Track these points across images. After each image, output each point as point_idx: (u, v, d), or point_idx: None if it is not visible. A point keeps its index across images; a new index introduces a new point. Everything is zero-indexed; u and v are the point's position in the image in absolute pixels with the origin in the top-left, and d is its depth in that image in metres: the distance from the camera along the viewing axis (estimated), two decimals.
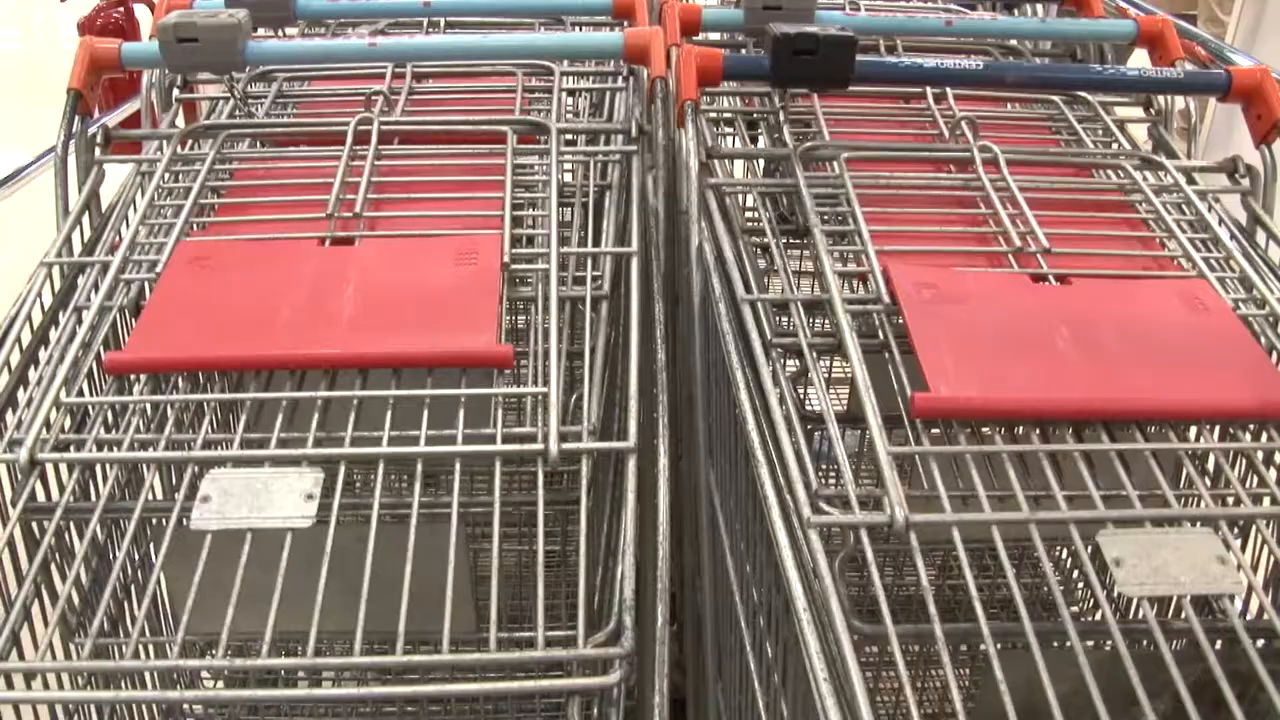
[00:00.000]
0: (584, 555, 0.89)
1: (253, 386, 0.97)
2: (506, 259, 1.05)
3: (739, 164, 1.73)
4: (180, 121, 1.49)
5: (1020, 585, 0.83)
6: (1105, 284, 1.10)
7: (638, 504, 0.91)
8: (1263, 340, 1.07)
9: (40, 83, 5.70)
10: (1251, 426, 1.00)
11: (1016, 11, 1.81)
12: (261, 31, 1.59)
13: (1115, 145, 1.43)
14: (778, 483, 0.88)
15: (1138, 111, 1.50)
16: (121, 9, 3.27)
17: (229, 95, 1.45)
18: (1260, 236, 1.28)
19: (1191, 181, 1.31)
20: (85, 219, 1.27)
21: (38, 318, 1.11)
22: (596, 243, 1.18)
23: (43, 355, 1.07)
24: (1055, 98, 1.46)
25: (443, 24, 1.56)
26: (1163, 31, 1.50)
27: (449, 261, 1.04)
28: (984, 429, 0.93)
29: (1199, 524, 0.86)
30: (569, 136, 1.30)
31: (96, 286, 1.10)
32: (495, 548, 0.86)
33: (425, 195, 1.16)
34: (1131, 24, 1.52)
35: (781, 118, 1.32)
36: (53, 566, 0.96)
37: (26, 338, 1.10)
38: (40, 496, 0.97)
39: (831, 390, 1.59)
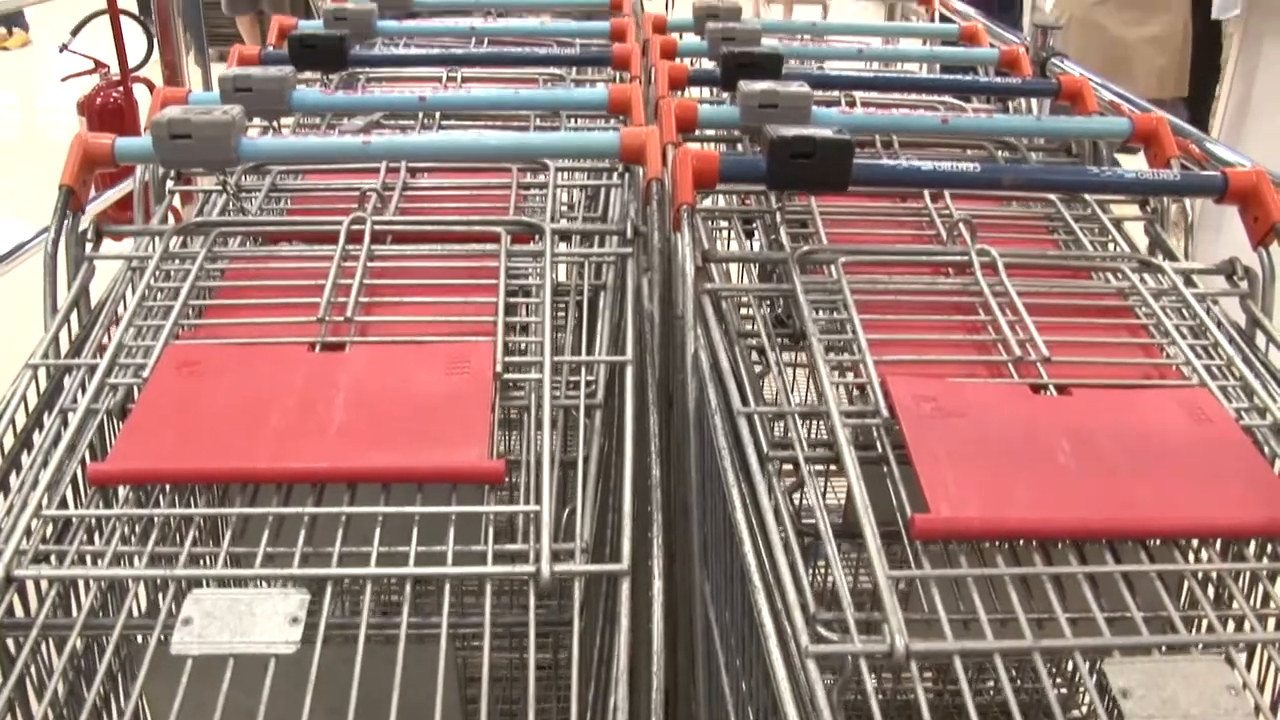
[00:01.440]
0: (576, 675, 0.87)
1: (239, 500, 0.95)
2: (499, 368, 1.04)
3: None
4: (173, 215, 1.48)
5: (1022, 693, 0.81)
6: (1106, 394, 1.09)
7: (631, 624, 0.88)
8: (1266, 450, 1.05)
9: (39, 155, 5.77)
10: (1255, 543, 0.98)
11: (1011, 106, 1.82)
12: (257, 121, 1.60)
13: (1113, 245, 1.43)
14: (774, 608, 0.86)
15: (1134, 209, 1.50)
16: (121, 89, 3.29)
17: (221, 189, 1.45)
18: (1260, 340, 1.27)
19: (1190, 283, 1.31)
20: (73, 315, 1.26)
21: (21, 420, 1.10)
22: (591, 346, 1.16)
23: (25, 460, 1.06)
24: (1052, 195, 1.46)
25: (438, 117, 1.56)
26: (1157, 129, 1.51)
27: (441, 370, 1.03)
28: (985, 546, 0.92)
29: (1207, 649, 0.84)
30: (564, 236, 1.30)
31: (83, 388, 1.09)
32: (485, 663, 0.84)
33: (418, 299, 1.15)
34: (1126, 122, 1.52)
35: (778, 218, 1.31)
36: (28, 683, 0.93)
37: (9, 442, 1.08)
38: (18, 610, 0.95)
39: (831, 492, 1.59)
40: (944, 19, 2.50)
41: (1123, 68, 3.91)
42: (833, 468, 1.04)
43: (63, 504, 0.98)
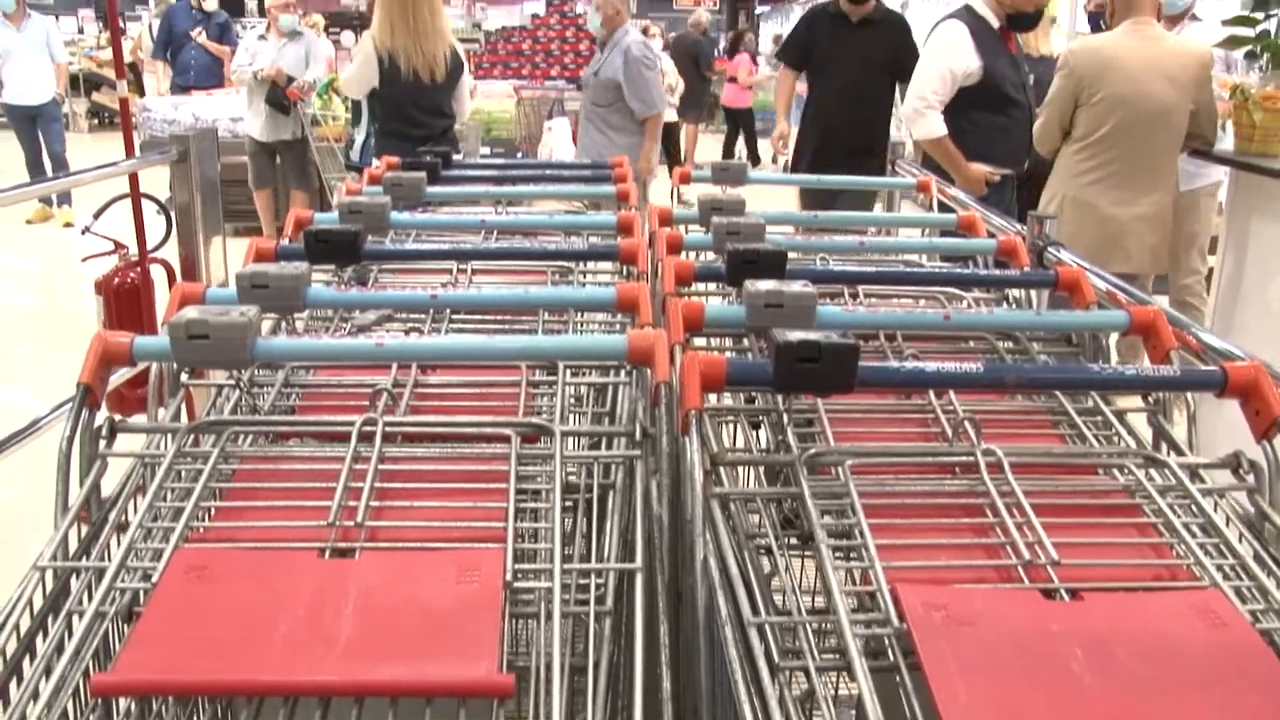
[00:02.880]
0: None
1: (245, 713, 0.94)
2: (509, 576, 1.03)
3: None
4: (185, 412, 1.50)
5: None
6: (1118, 598, 1.08)
7: None
8: None
9: (58, 332, 5.88)
10: None
11: (1011, 299, 1.86)
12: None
13: (1117, 438, 1.44)
14: None
15: (1137, 401, 1.52)
16: (138, 269, 3.37)
17: (235, 385, 1.47)
18: (1269, 533, 1.27)
19: (1196, 478, 1.31)
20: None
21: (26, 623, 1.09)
22: (600, 550, 1.16)
23: (27, 667, 1.04)
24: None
25: (448, 312, 1.59)
26: (1154, 322, 1.53)
27: (450, 579, 1.03)
28: None
29: None
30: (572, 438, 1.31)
31: (90, 591, 1.08)
32: None
33: (428, 503, 1.16)
34: (1124, 315, 1.55)
35: (785, 418, 1.33)
36: None
37: (13, 645, 1.07)
38: None
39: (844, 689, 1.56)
40: (942, 206, 2.57)
41: (1117, 245, 3.99)
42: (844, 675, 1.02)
43: (64, 717, 0.97)
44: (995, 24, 4.26)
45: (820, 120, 5.14)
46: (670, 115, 10.05)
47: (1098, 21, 4.86)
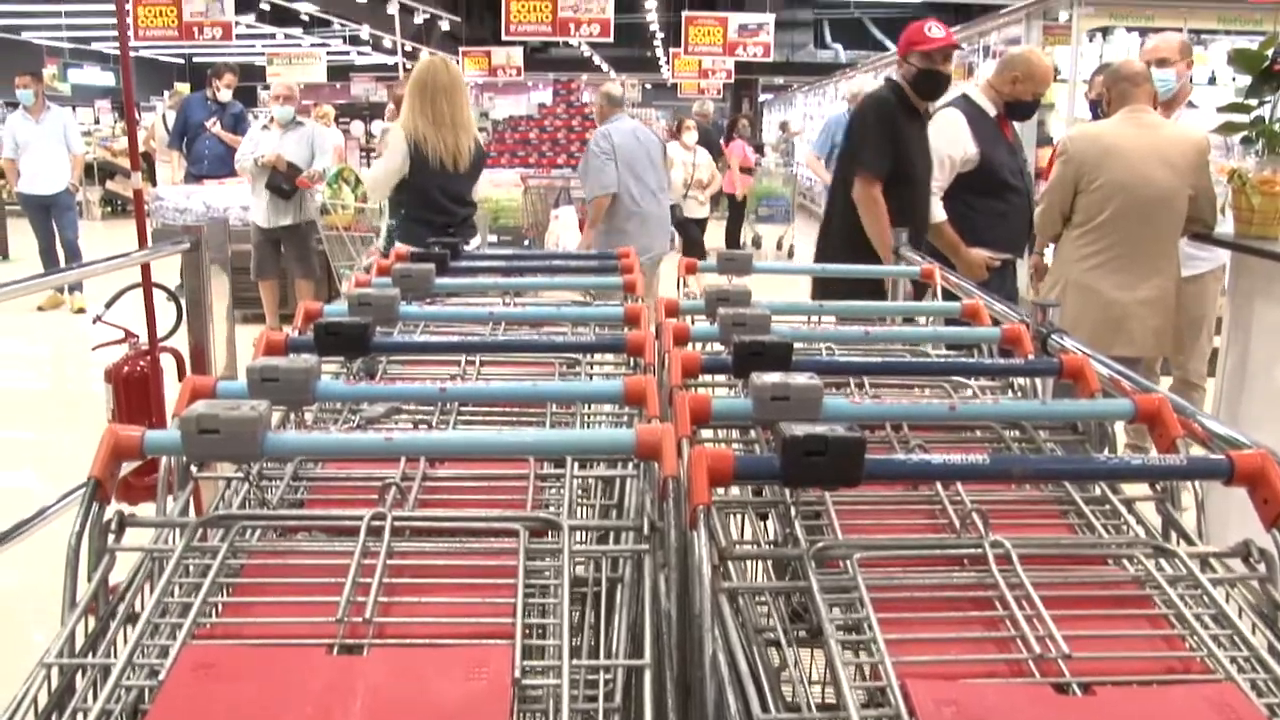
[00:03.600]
0: None
1: None
2: (517, 673, 1.03)
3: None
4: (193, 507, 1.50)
5: None
6: (1132, 692, 1.07)
7: None
8: None
9: (66, 416, 5.91)
10: None
11: (1015, 386, 1.87)
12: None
13: (1126, 528, 1.44)
14: None
15: (1145, 489, 1.52)
16: (148, 358, 3.39)
17: (244, 478, 1.47)
18: None
19: (1207, 566, 1.30)
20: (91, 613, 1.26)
21: None
22: (609, 645, 1.16)
23: None
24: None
25: (456, 404, 1.61)
26: (1160, 410, 1.53)
27: (459, 676, 1.02)
28: None
29: None
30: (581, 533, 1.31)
31: (95, 690, 1.08)
32: None
33: (436, 599, 1.15)
34: (1129, 404, 1.55)
35: (793, 512, 1.33)
36: None
37: None
38: None
39: None
40: (946, 294, 2.59)
41: (1120, 329, 4.01)
42: None
43: None
44: (992, 112, 4.34)
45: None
46: (700, 211, 9.95)
47: (1097, 109, 4.93)
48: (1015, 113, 4.41)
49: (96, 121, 21.67)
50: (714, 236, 13.01)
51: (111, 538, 1.32)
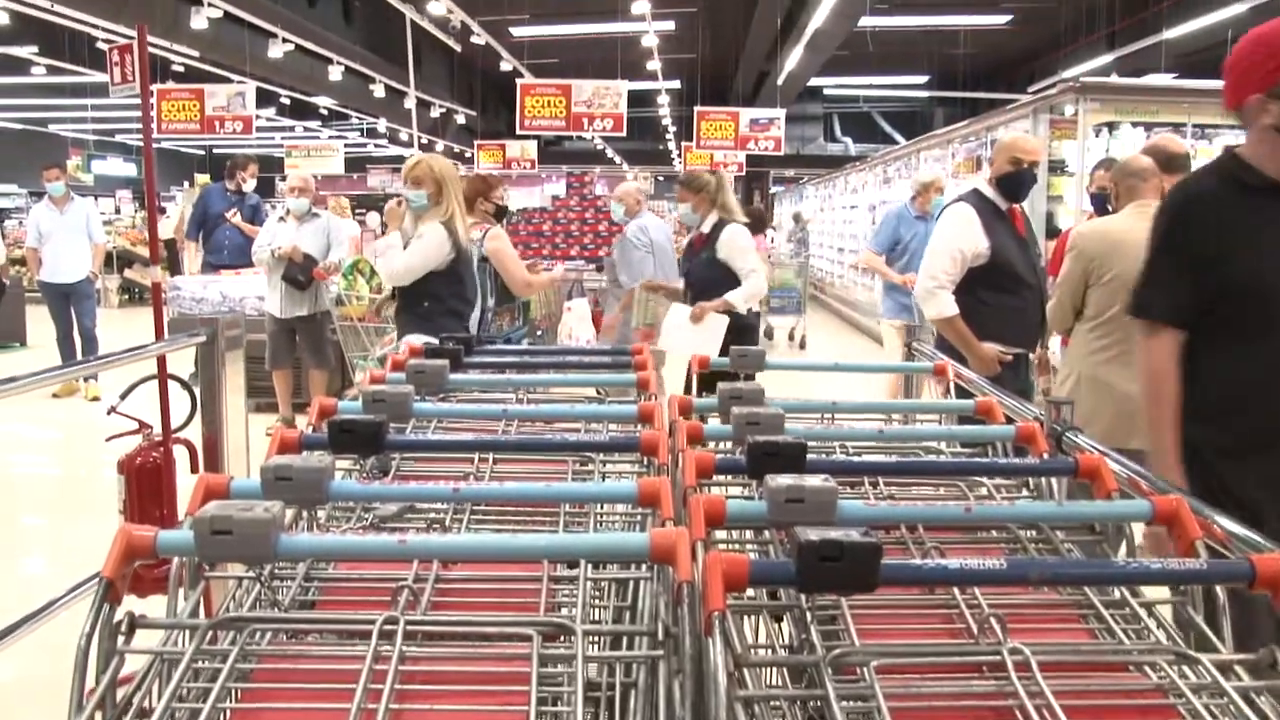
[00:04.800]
0: None
1: None
2: None
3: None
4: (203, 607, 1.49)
5: None
6: None
7: None
8: None
9: (78, 504, 5.92)
10: None
11: (1031, 484, 1.86)
12: None
13: (1147, 633, 1.42)
14: None
15: (1165, 592, 1.50)
16: (160, 449, 3.40)
17: (255, 578, 1.47)
18: None
19: (1231, 673, 1.28)
20: (99, 715, 1.24)
21: None
22: None
23: None
24: None
25: (470, 506, 1.60)
26: (1178, 511, 1.52)
27: None
28: None
29: None
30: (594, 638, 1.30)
31: None
32: None
33: (448, 706, 1.14)
34: (1146, 505, 1.54)
35: (808, 616, 1.32)
36: None
37: None
38: None
39: None
40: (959, 390, 2.59)
41: (1135, 423, 3.98)
42: None
43: None
44: (1003, 205, 4.37)
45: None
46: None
47: (1103, 202, 4.97)
48: (1008, 191, 4.41)
49: (117, 211, 22.07)
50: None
51: (121, 639, 1.31)
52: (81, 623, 1.30)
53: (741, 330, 5.44)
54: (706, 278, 5.50)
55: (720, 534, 1.66)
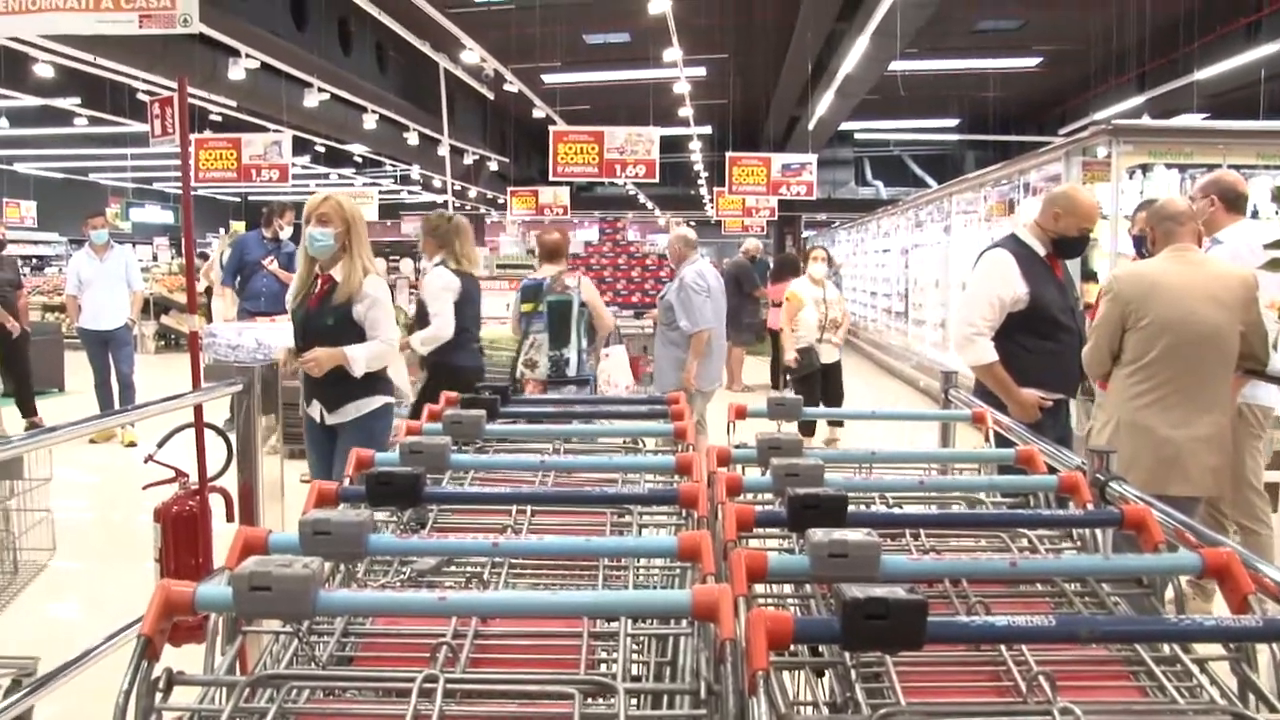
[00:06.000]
0: None
1: None
2: None
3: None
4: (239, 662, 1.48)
5: None
6: None
7: None
8: None
9: (114, 550, 5.95)
10: None
11: (1074, 535, 1.82)
12: None
13: (1200, 690, 1.38)
14: None
15: (1218, 648, 1.46)
16: (197, 498, 3.41)
17: (293, 634, 1.46)
18: None
19: None
20: None
21: None
22: None
23: None
24: None
25: (508, 560, 1.59)
26: (1229, 564, 1.48)
27: None
28: None
29: None
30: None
31: None
32: None
33: None
34: (1196, 559, 1.50)
35: (853, 674, 1.29)
36: None
37: None
38: None
39: None
40: (1000, 439, 2.56)
41: (1175, 468, 3.93)
42: None
43: None
44: (1041, 251, 4.34)
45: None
46: (834, 355, 8.64)
47: (1141, 244, 4.91)
48: (1063, 250, 4.38)
49: (154, 258, 22.35)
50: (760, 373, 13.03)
51: (160, 696, 1.31)
52: (119, 668, 1.30)
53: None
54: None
55: (759, 586, 1.64)
